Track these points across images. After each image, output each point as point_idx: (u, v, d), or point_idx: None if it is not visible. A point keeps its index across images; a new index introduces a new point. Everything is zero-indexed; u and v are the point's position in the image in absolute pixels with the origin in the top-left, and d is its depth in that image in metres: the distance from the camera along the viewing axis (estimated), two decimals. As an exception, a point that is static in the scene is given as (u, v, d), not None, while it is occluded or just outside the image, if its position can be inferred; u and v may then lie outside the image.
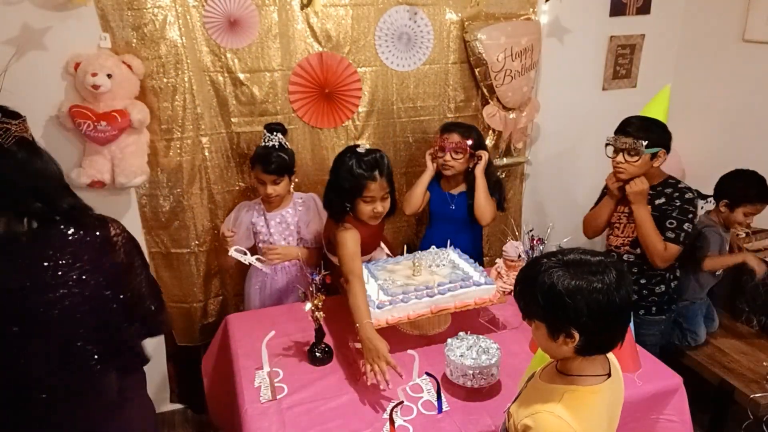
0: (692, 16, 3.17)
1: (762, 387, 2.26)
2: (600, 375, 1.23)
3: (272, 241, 2.44)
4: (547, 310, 1.17)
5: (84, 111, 2.23)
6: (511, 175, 3.20)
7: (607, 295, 1.13)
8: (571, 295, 1.12)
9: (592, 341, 1.17)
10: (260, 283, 2.47)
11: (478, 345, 1.83)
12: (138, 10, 2.33)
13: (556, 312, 1.15)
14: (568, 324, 1.15)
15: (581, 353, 1.20)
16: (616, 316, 1.16)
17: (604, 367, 1.25)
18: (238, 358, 1.99)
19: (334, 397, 1.79)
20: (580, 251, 1.20)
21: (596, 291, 1.12)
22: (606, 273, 1.14)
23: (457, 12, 2.75)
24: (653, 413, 1.86)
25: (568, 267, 1.15)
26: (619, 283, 1.14)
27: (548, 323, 1.18)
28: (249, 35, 2.50)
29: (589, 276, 1.13)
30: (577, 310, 1.12)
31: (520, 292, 1.23)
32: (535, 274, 1.18)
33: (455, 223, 2.62)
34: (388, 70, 2.74)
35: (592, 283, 1.12)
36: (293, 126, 2.68)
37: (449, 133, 2.51)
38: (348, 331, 2.09)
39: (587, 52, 3.13)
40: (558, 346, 1.19)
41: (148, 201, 2.60)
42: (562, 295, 1.13)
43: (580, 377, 1.22)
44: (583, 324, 1.14)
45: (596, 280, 1.13)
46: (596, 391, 1.21)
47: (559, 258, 1.18)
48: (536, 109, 3.03)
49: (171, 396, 2.96)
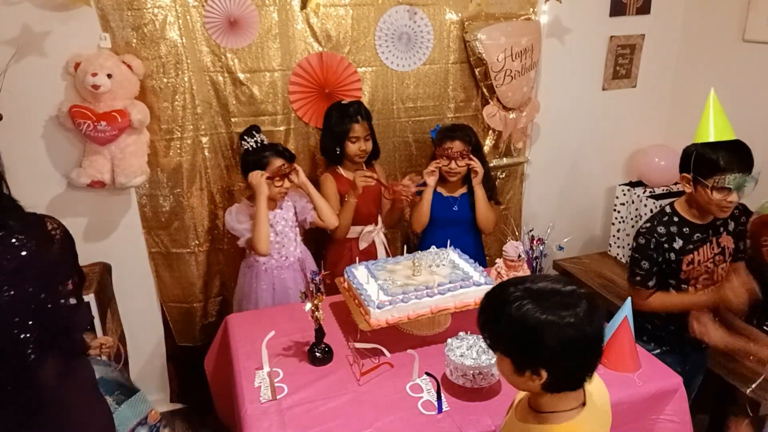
0: (692, 16, 3.17)
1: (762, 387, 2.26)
2: (573, 409, 1.14)
3: (278, 240, 2.45)
4: (515, 346, 1.10)
5: (84, 111, 2.23)
6: (511, 175, 3.20)
7: (580, 330, 1.05)
8: (543, 331, 1.04)
9: (561, 379, 1.10)
10: (267, 284, 2.47)
11: (478, 345, 1.83)
12: (138, 10, 2.33)
13: (524, 348, 1.08)
14: (536, 362, 1.07)
15: (550, 390, 1.12)
16: (587, 351, 1.10)
17: (577, 398, 1.16)
18: (238, 358, 1.99)
19: (334, 397, 1.79)
20: (550, 279, 1.12)
21: (568, 326, 1.04)
22: (578, 305, 1.06)
23: (457, 12, 2.75)
24: (653, 413, 1.86)
25: (538, 299, 1.06)
26: (590, 314, 1.07)
27: (514, 359, 1.10)
28: (249, 35, 2.50)
29: (560, 310, 1.05)
30: (548, 347, 1.05)
31: (484, 322, 1.14)
32: (502, 304, 1.09)
33: (459, 224, 2.64)
34: (388, 70, 2.74)
35: (564, 318, 1.04)
36: (293, 126, 2.68)
37: (451, 141, 2.53)
38: (348, 331, 2.09)
39: (587, 52, 3.13)
40: (524, 382, 1.12)
41: (148, 201, 2.60)
42: (534, 332, 1.05)
43: (552, 414, 1.13)
44: (552, 362, 1.07)
45: (568, 314, 1.04)
46: (570, 428, 1.13)
47: (528, 287, 1.09)
48: (536, 109, 3.03)
49: (171, 396, 2.96)
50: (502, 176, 3.17)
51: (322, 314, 1.91)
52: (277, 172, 2.35)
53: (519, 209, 3.30)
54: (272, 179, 2.34)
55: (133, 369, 2.75)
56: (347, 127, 2.49)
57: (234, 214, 2.44)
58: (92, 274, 2.47)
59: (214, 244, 2.74)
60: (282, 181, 2.38)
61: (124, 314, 2.72)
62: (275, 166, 2.36)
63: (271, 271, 2.46)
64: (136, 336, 2.76)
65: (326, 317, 2.06)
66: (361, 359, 1.90)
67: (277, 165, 2.36)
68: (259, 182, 2.32)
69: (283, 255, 2.47)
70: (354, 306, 2.04)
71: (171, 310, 2.78)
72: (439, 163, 2.55)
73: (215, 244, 2.74)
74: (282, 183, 2.38)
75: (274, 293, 2.47)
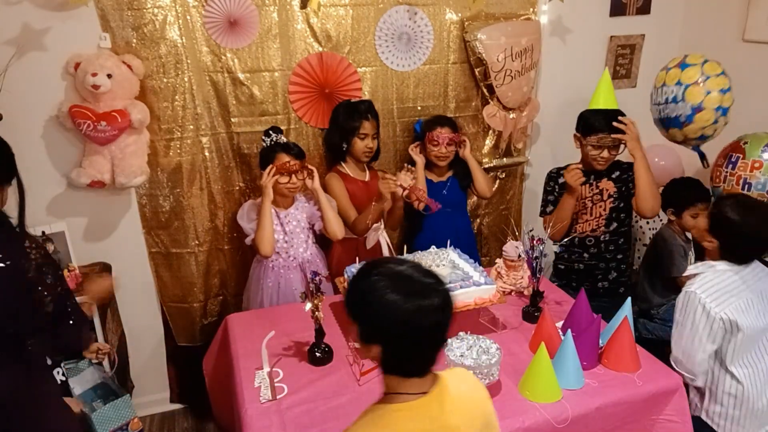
0: (692, 16, 3.17)
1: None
2: (412, 394, 1.16)
3: (287, 240, 2.45)
4: (357, 313, 1.17)
5: (84, 111, 2.23)
6: (511, 175, 3.20)
7: (418, 319, 1.09)
8: (381, 306, 1.10)
9: (392, 359, 1.15)
10: (273, 282, 2.47)
11: (478, 345, 1.83)
12: (138, 10, 2.33)
13: (364, 317, 1.15)
14: (371, 333, 1.15)
15: (385, 369, 1.17)
16: (419, 341, 1.13)
17: (420, 386, 1.17)
18: (238, 358, 1.99)
19: (334, 397, 1.79)
20: (418, 268, 1.17)
21: (405, 312, 1.09)
22: (427, 297, 1.11)
23: (457, 12, 2.75)
24: (653, 413, 1.86)
25: (396, 279, 1.12)
26: (436, 310, 1.11)
27: (358, 326, 1.17)
28: (249, 35, 2.50)
29: (408, 296, 1.10)
30: (381, 323, 1.12)
31: (349, 285, 1.22)
32: (363, 275, 1.16)
33: (451, 207, 2.73)
34: (388, 70, 2.74)
35: (407, 302, 1.09)
36: (293, 126, 2.68)
37: (441, 127, 2.64)
38: (348, 331, 2.09)
39: (587, 52, 3.13)
40: (367, 351, 1.18)
41: (148, 201, 2.60)
42: (371, 305, 1.12)
43: (391, 395, 1.18)
44: (384, 339, 1.13)
45: (412, 301, 1.09)
46: (399, 409, 1.15)
47: (394, 267, 1.16)
48: (536, 109, 3.03)
49: (171, 396, 2.96)
50: (502, 176, 3.17)
51: (322, 314, 1.91)
52: (281, 168, 2.34)
53: (519, 209, 3.30)
54: (277, 175, 2.34)
55: (134, 369, 2.75)
56: (358, 123, 2.54)
57: (246, 211, 2.45)
58: (92, 274, 2.47)
59: (214, 244, 2.74)
60: (288, 177, 2.37)
61: (124, 314, 2.72)
62: (282, 161, 2.36)
63: (277, 270, 2.46)
64: (136, 336, 2.76)
65: (326, 317, 2.06)
66: (361, 359, 1.91)
67: (284, 161, 2.36)
68: (265, 184, 2.32)
69: (291, 255, 2.46)
70: (354, 306, 2.04)
71: (171, 310, 2.78)
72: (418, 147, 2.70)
73: (215, 244, 2.74)
74: (288, 180, 2.37)
75: (279, 292, 2.47)
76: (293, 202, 2.50)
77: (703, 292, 1.85)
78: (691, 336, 1.88)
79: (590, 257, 2.55)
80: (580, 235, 2.53)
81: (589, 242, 2.53)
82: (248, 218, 2.43)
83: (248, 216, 2.43)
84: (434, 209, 2.40)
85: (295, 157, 2.38)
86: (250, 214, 2.43)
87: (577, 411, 1.72)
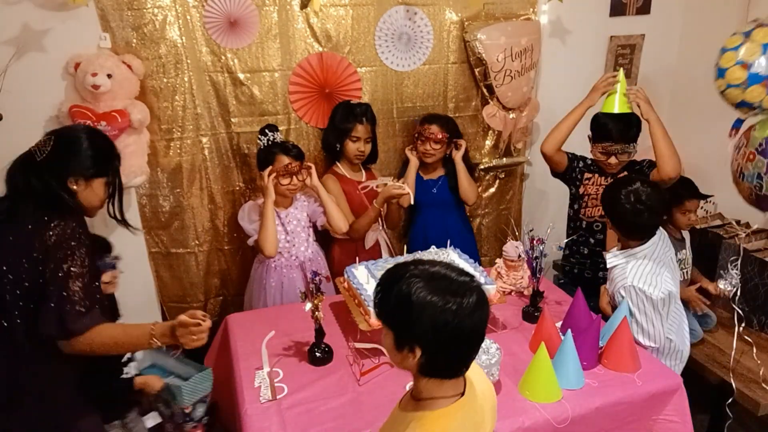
0: (692, 16, 3.17)
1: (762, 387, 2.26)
2: (450, 397, 1.16)
3: (288, 239, 2.45)
4: (395, 319, 1.13)
5: (84, 111, 2.23)
6: (511, 175, 3.20)
7: (458, 318, 1.08)
8: (420, 309, 1.08)
9: (434, 362, 1.13)
10: (276, 281, 2.47)
11: (478, 345, 1.83)
12: (138, 10, 2.33)
13: (403, 323, 1.11)
14: (412, 338, 1.10)
15: (425, 374, 1.15)
16: (461, 341, 1.11)
17: (455, 387, 1.17)
18: (238, 358, 1.99)
19: (334, 397, 1.79)
20: (451, 267, 1.16)
21: (447, 311, 1.07)
22: (465, 295, 1.09)
23: (457, 12, 2.75)
24: (653, 413, 1.86)
25: (430, 280, 1.10)
26: (475, 308, 1.09)
27: (395, 332, 1.14)
28: (249, 35, 2.50)
29: (446, 294, 1.08)
30: (422, 325, 1.08)
31: (378, 293, 1.17)
32: (397, 278, 1.13)
33: (440, 206, 2.77)
34: (387, 70, 2.74)
35: (447, 302, 1.07)
36: (293, 126, 2.68)
37: (429, 124, 2.65)
38: (348, 331, 2.09)
39: (587, 52, 3.12)
40: (403, 359, 1.14)
41: (148, 201, 2.60)
42: (413, 307, 1.08)
43: (429, 401, 1.16)
44: (426, 342, 1.10)
45: (452, 301, 1.08)
46: (445, 414, 1.14)
47: (425, 268, 1.14)
48: (536, 109, 3.03)
49: (171, 396, 2.96)
50: (502, 176, 3.17)
51: (322, 314, 1.91)
52: (282, 170, 2.34)
53: (519, 209, 3.30)
54: (278, 177, 2.34)
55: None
56: (350, 125, 2.54)
57: (246, 212, 2.45)
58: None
59: (214, 244, 2.74)
60: (289, 179, 2.37)
61: (124, 314, 2.71)
62: (282, 164, 2.35)
63: (280, 270, 2.46)
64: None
65: (326, 317, 2.06)
66: (361, 359, 1.91)
67: (284, 163, 2.35)
68: (267, 185, 2.32)
69: (293, 254, 2.46)
70: (354, 306, 2.04)
71: (171, 310, 2.78)
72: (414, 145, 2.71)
73: (215, 244, 2.74)
74: (289, 181, 2.37)
75: (282, 291, 2.47)
76: (293, 201, 2.50)
77: (638, 281, 1.98)
78: (648, 320, 2.00)
79: (596, 243, 2.56)
80: (588, 219, 2.56)
81: (597, 227, 2.55)
82: (249, 219, 2.43)
83: (249, 217, 2.43)
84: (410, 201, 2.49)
85: (294, 158, 2.38)
86: (252, 215, 2.43)
87: (577, 411, 1.72)
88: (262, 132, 2.43)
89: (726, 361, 2.40)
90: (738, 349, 2.51)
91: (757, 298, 2.61)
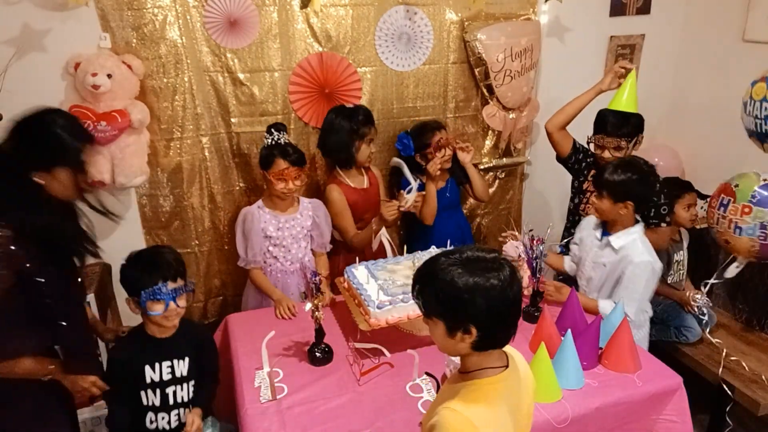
0: (692, 16, 3.17)
1: (762, 386, 2.26)
2: (497, 367, 1.25)
3: (285, 244, 2.40)
4: (446, 307, 1.19)
5: (84, 111, 2.23)
6: (511, 175, 3.20)
7: (503, 291, 1.16)
8: (470, 291, 1.15)
9: (489, 336, 1.20)
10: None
11: (478, 345, 1.83)
12: (138, 10, 2.33)
13: (455, 309, 1.18)
14: (467, 320, 1.17)
15: (478, 349, 1.22)
16: (510, 311, 1.20)
17: (501, 359, 1.27)
18: (238, 358, 1.99)
19: (334, 397, 1.79)
20: (476, 249, 1.23)
21: (493, 287, 1.15)
22: (501, 270, 1.17)
23: (457, 12, 2.75)
24: (653, 413, 1.86)
25: (465, 264, 1.17)
26: (512, 279, 1.18)
27: (447, 320, 1.20)
28: (249, 35, 2.50)
29: (485, 273, 1.16)
30: (476, 305, 1.15)
31: (419, 290, 1.24)
32: (433, 272, 1.20)
33: (453, 207, 2.80)
34: (387, 70, 2.74)
35: (489, 279, 1.15)
36: (293, 126, 2.68)
37: (440, 131, 2.64)
38: (348, 331, 2.09)
39: (587, 52, 3.13)
40: (455, 343, 1.21)
41: (148, 201, 2.60)
42: (461, 292, 1.15)
43: (479, 371, 1.24)
44: (480, 320, 1.17)
45: (492, 276, 1.16)
46: (493, 381, 1.23)
47: (456, 256, 1.20)
48: (536, 109, 3.03)
49: (171, 396, 2.95)
50: (502, 176, 3.17)
51: (322, 314, 1.91)
52: (277, 175, 2.29)
53: (519, 209, 3.30)
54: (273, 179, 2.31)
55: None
56: (367, 129, 2.49)
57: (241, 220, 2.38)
58: (92, 274, 2.47)
59: (214, 244, 2.74)
60: (284, 183, 2.31)
61: (124, 314, 2.71)
62: (279, 168, 2.30)
63: (275, 275, 2.44)
64: (136, 336, 2.75)
65: (326, 317, 2.06)
66: (361, 359, 1.91)
67: (281, 167, 2.29)
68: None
69: (289, 260, 2.44)
70: (354, 306, 2.04)
71: (171, 310, 2.78)
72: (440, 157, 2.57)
73: (215, 244, 2.74)
74: (284, 186, 2.31)
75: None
76: (293, 203, 2.44)
77: (651, 256, 2.07)
78: (644, 294, 2.10)
79: None
80: (586, 215, 2.54)
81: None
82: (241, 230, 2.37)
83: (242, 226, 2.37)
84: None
85: (292, 163, 2.30)
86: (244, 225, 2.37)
87: (577, 411, 1.72)
88: (268, 131, 2.38)
89: (726, 361, 2.41)
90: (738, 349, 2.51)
91: (757, 298, 2.61)
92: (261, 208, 2.39)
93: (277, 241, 2.39)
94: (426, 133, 2.64)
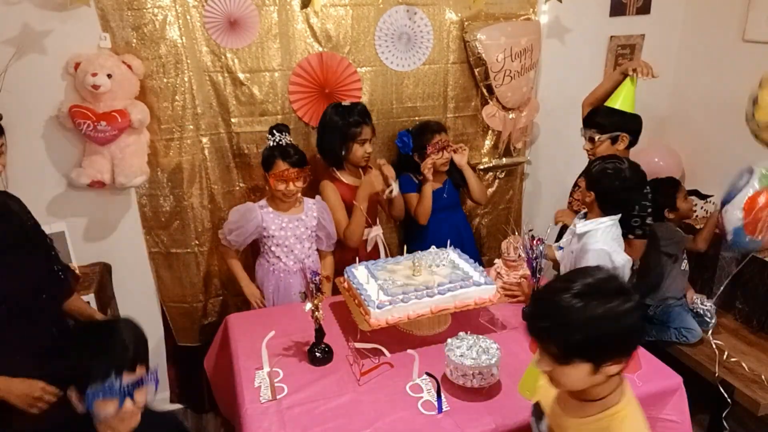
0: (692, 16, 3.17)
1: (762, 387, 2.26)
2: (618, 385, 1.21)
3: (287, 244, 2.41)
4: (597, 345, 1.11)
5: (84, 111, 2.23)
6: (511, 175, 3.20)
7: (636, 312, 1.12)
8: (619, 321, 1.10)
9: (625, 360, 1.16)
10: (273, 285, 2.46)
11: (478, 345, 1.83)
12: (138, 10, 2.33)
13: (602, 345, 1.11)
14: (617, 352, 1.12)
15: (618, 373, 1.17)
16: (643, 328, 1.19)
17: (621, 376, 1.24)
18: (238, 358, 1.99)
19: (334, 397, 1.79)
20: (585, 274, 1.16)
21: (629, 310, 1.10)
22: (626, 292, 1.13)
23: (457, 12, 2.75)
24: (653, 413, 1.86)
25: (594, 293, 1.11)
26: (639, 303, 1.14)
27: (595, 359, 1.12)
28: (249, 35, 2.50)
29: (615, 297, 1.11)
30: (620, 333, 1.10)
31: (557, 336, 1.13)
32: (567, 313, 1.11)
33: (451, 207, 2.81)
34: (387, 70, 2.74)
35: (624, 303, 1.10)
36: (293, 126, 2.68)
37: (440, 134, 2.65)
38: (348, 331, 2.09)
39: (587, 52, 3.13)
40: (593, 379, 1.14)
41: (148, 201, 2.60)
42: (612, 324, 1.09)
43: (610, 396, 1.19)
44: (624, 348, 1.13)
45: (623, 299, 1.11)
46: (629, 401, 1.20)
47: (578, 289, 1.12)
48: (536, 109, 3.03)
49: (171, 396, 2.96)
50: (502, 176, 3.17)
51: (322, 314, 1.91)
52: (277, 176, 2.30)
53: (519, 209, 3.30)
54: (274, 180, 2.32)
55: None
56: (358, 129, 2.47)
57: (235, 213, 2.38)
58: (92, 274, 2.48)
59: (214, 244, 2.74)
60: (284, 185, 2.32)
61: (124, 314, 2.72)
62: (279, 169, 2.31)
63: (278, 273, 2.44)
64: (136, 336, 2.75)
65: (326, 317, 2.06)
66: (361, 359, 1.91)
67: (281, 168, 2.30)
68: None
69: (292, 260, 2.44)
70: (354, 306, 2.04)
71: (171, 310, 2.78)
72: (436, 158, 2.62)
73: (215, 244, 2.74)
74: (285, 187, 2.32)
75: (278, 295, 2.46)
76: (296, 204, 2.44)
77: (607, 246, 2.05)
78: None
79: None
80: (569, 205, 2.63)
81: None
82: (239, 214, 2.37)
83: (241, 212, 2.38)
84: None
85: (292, 165, 2.31)
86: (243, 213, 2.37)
87: (577, 411, 1.72)
88: (270, 132, 2.39)
89: (726, 361, 2.41)
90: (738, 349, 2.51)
91: (757, 298, 2.61)
92: (263, 208, 2.39)
93: (280, 241, 2.39)
94: (426, 134, 2.66)
